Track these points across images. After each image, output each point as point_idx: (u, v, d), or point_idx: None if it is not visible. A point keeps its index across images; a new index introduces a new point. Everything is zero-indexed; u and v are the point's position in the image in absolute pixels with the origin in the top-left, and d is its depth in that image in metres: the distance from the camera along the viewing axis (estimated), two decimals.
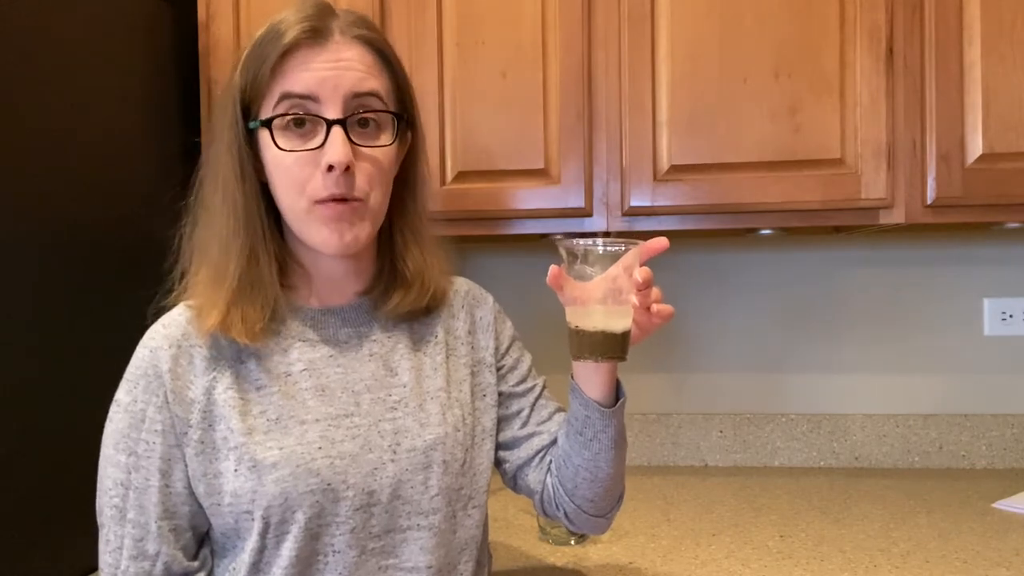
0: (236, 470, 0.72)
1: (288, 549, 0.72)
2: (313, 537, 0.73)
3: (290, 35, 0.72)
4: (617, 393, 0.83)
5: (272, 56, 0.72)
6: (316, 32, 0.73)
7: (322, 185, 0.72)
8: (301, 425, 0.74)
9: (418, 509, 0.77)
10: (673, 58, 1.26)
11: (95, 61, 1.15)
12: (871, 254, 1.59)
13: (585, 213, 1.28)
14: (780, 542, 1.16)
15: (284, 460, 0.72)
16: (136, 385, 0.74)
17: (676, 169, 1.26)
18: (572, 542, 1.16)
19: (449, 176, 1.30)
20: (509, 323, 0.94)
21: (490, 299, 0.93)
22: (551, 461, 0.87)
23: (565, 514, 0.87)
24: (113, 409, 0.75)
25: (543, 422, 0.90)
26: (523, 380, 0.91)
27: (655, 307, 0.76)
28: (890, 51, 1.22)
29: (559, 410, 0.92)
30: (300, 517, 0.72)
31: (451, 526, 0.79)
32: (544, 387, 0.94)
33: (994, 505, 1.31)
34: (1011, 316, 1.55)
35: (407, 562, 0.77)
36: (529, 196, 1.28)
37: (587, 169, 1.28)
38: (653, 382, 1.64)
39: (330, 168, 0.71)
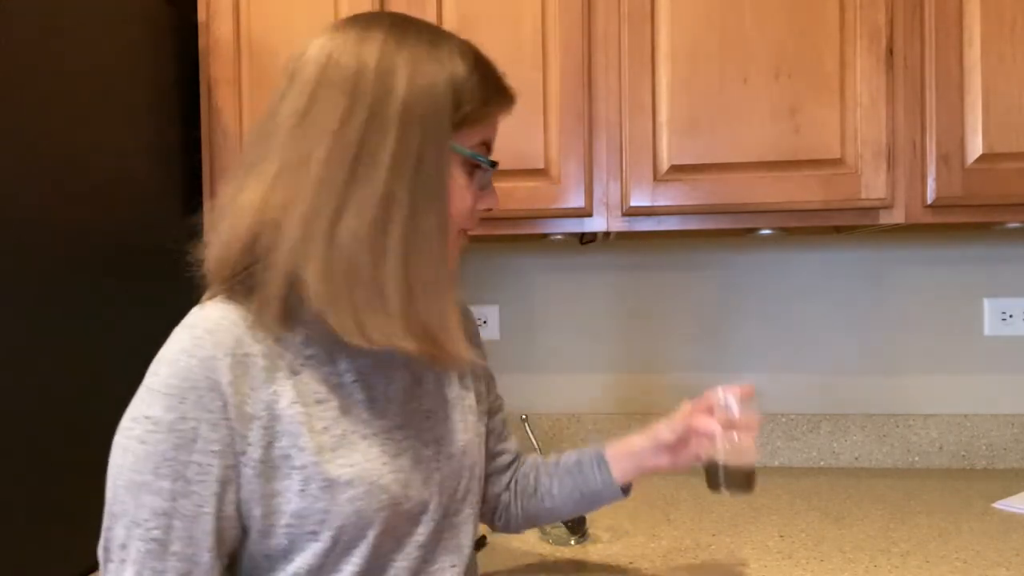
0: (303, 490, 0.67)
1: (352, 565, 0.70)
2: (376, 553, 0.72)
3: (510, 98, 0.76)
4: None
5: (494, 106, 0.74)
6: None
7: (470, 219, 0.75)
8: (363, 440, 0.72)
9: (454, 515, 0.78)
10: (673, 58, 1.26)
11: (95, 61, 1.15)
12: (871, 254, 1.59)
13: (585, 213, 1.28)
14: (780, 542, 1.16)
15: (357, 478, 0.69)
16: (182, 400, 0.64)
17: (676, 169, 1.26)
18: (572, 542, 1.16)
19: None
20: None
21: (470, 309, 0.97)
22: (518, 488, 0.97)
23: (505, 525, 0.98)
24: (144, 429, 0.64)
25: (507, 439, 0.98)
26: (498, 395, 0.97)
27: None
28: (890, 51, 1.22)
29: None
30: (370, 534, 0.70)
31: (469, 529, 0.81)
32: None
33: (994, 505, 1.31)
34: (1011, 316, 1.55)
35: (443, 567, 0.77)
36: (529, 196, 1.28)
37: (587, 169, 1.28)
38: (653, 382, 1.64)
39: (487, 210, 0.77)
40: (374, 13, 0.75)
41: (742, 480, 0.86)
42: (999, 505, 1.31)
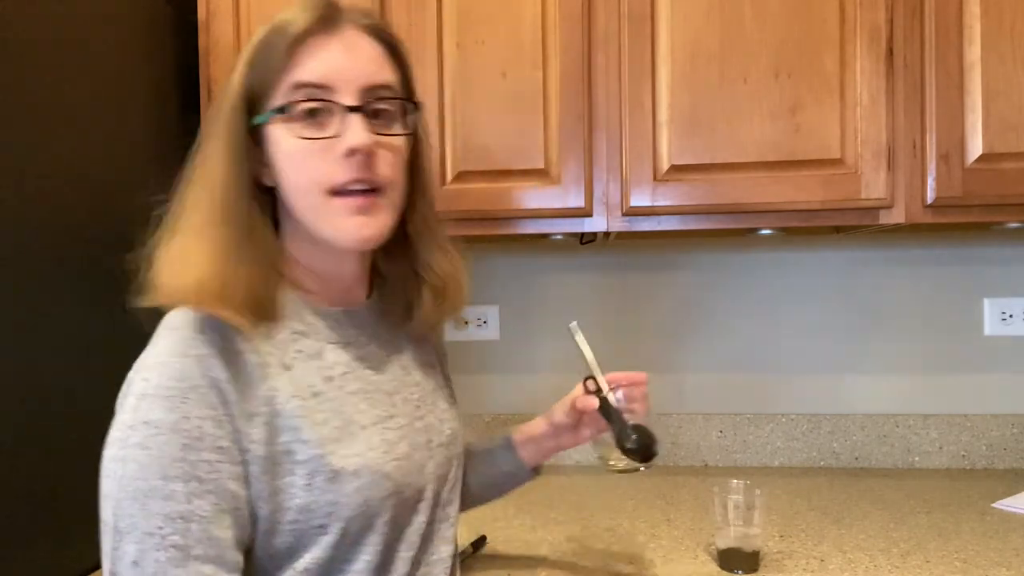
0: (309, 484, 0.67)
1: (366, 555, 0.71)
2: (386, 542, 0.73)
3: (300, 24, 0.69)
4: None
5: (282, 47, 0.69)
6: (326, 21, 0.70)
7: (341, 171, 0.69)
8: (363, 430, 0.72)
9: (447, 501, 0.81)
10: (673, 58, 1.26)
11: (95, 61, 1.15)
12: (871, 254, 1.59)
13: (585, 213, 1.28)
14: (780, 542, 1.16)
15: (363, 467, 0.70)
16: (184, 400, 0.63)
17: (676, 169, 1.26)
18: (642, 468, 1.00)
19: (449, 176, 1.30)
20: None
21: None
22: None
23: None
24: (144, 434, 0.62)
25: None
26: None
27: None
28: (890, 51, 1.22)
29: None
30: (379, 523, 0.71)
31: (456, 518, 0.84)
32: None
33: (994, 505, 1.31)
34: (1011, 316, 1.55)
35: (436, 554, 0.79)
36: (529, 196, 1.28)
37: (587, 169, 1.28)
38: (653, 382, 1.64)
39: (351, 152, 0.68)
40: None
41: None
42: (999, 505, 1.31)
